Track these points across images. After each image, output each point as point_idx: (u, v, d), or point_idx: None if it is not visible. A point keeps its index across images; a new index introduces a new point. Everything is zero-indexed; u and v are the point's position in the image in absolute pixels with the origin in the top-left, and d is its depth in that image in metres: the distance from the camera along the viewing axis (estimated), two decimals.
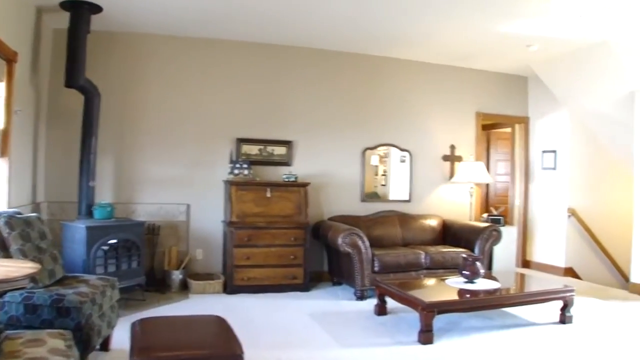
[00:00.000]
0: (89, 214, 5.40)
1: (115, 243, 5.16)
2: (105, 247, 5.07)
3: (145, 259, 5.68)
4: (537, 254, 8.18)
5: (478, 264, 5.06)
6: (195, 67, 6.49)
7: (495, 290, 4.96)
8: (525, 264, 8.23)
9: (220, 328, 3.15)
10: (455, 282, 5.07)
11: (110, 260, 5.13)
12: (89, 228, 4.95)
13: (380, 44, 6.78)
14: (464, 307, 4.67)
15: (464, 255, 5.24)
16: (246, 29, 6.19)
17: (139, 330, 3.01)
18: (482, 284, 4.99)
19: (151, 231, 6.05)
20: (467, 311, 4.77)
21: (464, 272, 5.05)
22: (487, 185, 9.06)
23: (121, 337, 3.74)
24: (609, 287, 7.04)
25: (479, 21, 5.70)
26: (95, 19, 5.46)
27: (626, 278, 7.29)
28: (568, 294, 5.02)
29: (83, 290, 3.49)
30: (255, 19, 5.81)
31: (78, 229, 5.02)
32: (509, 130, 8.77)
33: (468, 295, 4.75)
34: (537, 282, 6.07)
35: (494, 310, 5.13)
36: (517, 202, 8.39)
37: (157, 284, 5.98)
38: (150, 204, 6.25)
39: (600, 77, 6.81)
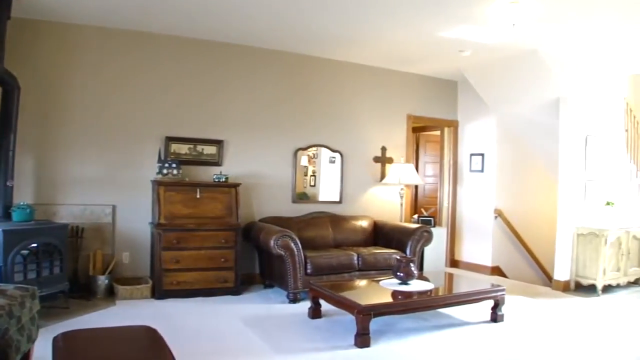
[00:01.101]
0: (7, 216, 5.02)
1: (35, 247, 4.85)
2: (25, 252, 4.75)
3: (68, 264, 5.35)
4: (465, 254, 8.39)
5: (412, 265, 5.10)
6: (123, 61, 6.17)
7: (429, 292, 5.02)
8: (454, 263, 8.42)
9: (151, 340, 2.96)
10: (390, 284, 5.08)
11: (30, 266, 4.80)
12: (5, 232, 4.61)
13: (315, 45, 6.73)
14: (400, 309, 4.67)
15: (398, 257, 5.26)
16: (178, 23, 5.96)
17: (62, 346, 2.76)
18: (416, 285, 5.03)
19: (75, 234, 5.73)
20: (403, 313, 4.77)
21: (398, 273, 5.07)
22: (416, 186, 9.21)
23: (43, 350, 3.49)
24: (534, 285, 7.32)
25: (413, 25, 5.73)
26: (17, 4, 5.09)
27: (549, 276, 7.61)
28: (499, 294, 5.16)
29: None
30: (187, 13, 5.60)
31: None
32: (437, 133, 8.94)
33: (403, 297, 4.76)
34: (469, 282, 6.21)
35: (428, 310, 5.17)
36: (446, 203, 8.57)
37: (81, 290, 5.65)
38: (74, 205, 5.89)
39: (528, 83, 7.06)
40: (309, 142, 7.28)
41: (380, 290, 4.97)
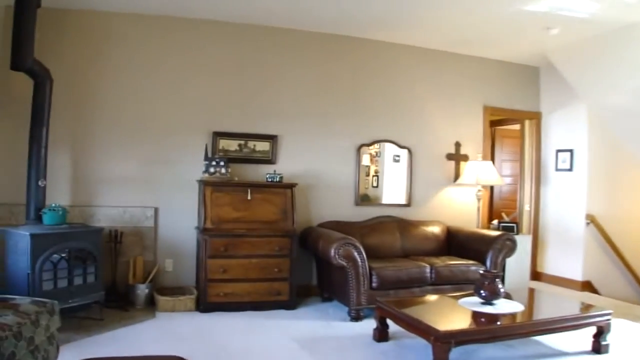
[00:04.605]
0: (38, 219, 4.64)
1: (67, 253, 4.46)
2: (55, 258, 4.35)
3: (105, 271, 4.95)
4: (550, 266, 7.41)
5: (498, 281, 4.28)
6: (165, 50, 5.71)
7: (519, 315, 4.17)
8: (536, 276, 7.45)
9: None
10: (470, 303, 4.30)
11: (60, 273, 4.42)
12: (34, 236, 4.23)
13: (379, 26, 6.00)
14: (486, 337, 3.87)
15: (481, 271, 4.47)
16: (225, 6, 5.42)
17: None
18: (502, 306, 4.21)
19: (113, 238, 5.30)
20: (490, 341, 3.97)
21: (481, 292, 4.26)
22: (491, 188, 8.29)
23: None
24: (634, 305, 6.28)
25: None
26: None
27: None
28: (604, 319, 4.26)
29: (5, 321, 2.73)
30: None
31: (21, 237, 4.30)
32: (516, 127, 8.03)
33: (488, 322, 3.95)
34: (562, 302, 5.29)
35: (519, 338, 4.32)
36: (527, 207, 7.64)
37: (119, 300, 5.22)
38: (112, 207, 5.46)
39: (628, 66, 6.03)
40: (373, 137, 6.56)
41: (460, 312, 4.18)
